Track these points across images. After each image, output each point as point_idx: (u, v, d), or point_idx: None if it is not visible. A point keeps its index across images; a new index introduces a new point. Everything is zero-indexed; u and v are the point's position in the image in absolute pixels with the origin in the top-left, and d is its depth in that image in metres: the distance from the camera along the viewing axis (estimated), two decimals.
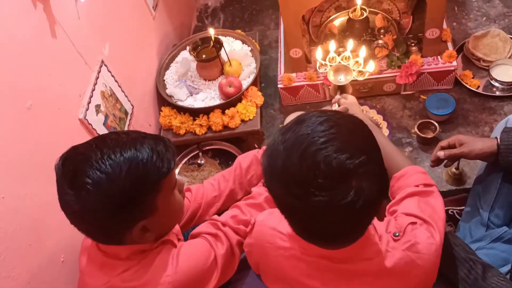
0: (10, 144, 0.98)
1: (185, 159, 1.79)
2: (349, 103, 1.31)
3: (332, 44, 1.37)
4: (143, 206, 0.85)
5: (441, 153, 1.24)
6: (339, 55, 1.37)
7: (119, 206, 0.82)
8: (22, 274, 0.97)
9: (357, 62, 1.34)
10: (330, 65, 1.34)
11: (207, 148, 1.79)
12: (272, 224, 0.92)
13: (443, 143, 1.26)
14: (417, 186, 1.02)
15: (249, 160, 1.26)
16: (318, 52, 1.38)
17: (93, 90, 1.31)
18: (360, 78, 1.35)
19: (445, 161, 1.26)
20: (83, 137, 1.23)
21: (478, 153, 1.18)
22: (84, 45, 1.29)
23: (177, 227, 1.04)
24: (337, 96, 1.36)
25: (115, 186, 0.80)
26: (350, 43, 1.35)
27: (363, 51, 1.36)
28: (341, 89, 1.37)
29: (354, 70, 1.33)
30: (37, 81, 1.09)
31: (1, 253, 0.92)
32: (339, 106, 1.32)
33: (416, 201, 0.97)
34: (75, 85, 1.24)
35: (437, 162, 1.25)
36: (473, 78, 1.70)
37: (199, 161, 1.77)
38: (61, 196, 0.83)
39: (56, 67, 1.17)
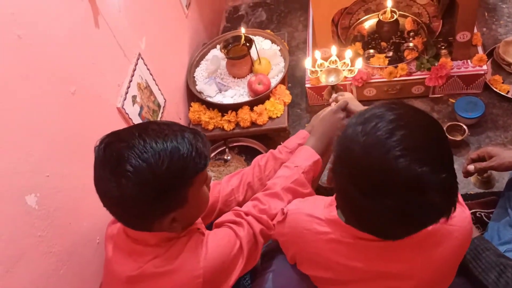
0: (56, 125, 1.03)
1: (212, 154, 1.82)
2: (346, 97, 1.34)
3: (317, 53, 1.45)
4: (177, 198, 0.87)
5: (471, 167, 1.27)
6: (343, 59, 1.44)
7: (155, 196, 0.84)
8: (62, 251, 1.01)
9: (344, 63, 1.40)
10: (320, 70, 1.42)
11: (234, 144, 1.82)
12: (307, 211, 0.95)
13: (473, 155, 1.28)
14: None
15: (266, 158, 1.30)
16: (307, 61, 1.46)
17: (131, 81, 1.36)
18: (350, 75, 1.42)
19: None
20: (120, 125, 1.27)
21: (508, 165, 1.20)
22: (124, 37, 1.33)
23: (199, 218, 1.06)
24: (334, 95, 1.40)
25: (155, 177, 0.82)
26: (334, 49, 1.43)
27: (349, 52, 1.43)
28: (336, 89, 1.43)
29: (343, 70, 1.39)
30: (81, 69, 1.14)
31: (44, 229, 0.96)
32: (337, 103, 1.35)
33: None
34: (114, 75, 1.29)
35: (467, 175, 1.28)
36: (503, 83, 1.70)
37: (225, 157, 1.80)
38: (100, 180, 0.86)
39: (98, 56, 1.21)
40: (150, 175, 0.82)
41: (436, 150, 0.70)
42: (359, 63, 1.41)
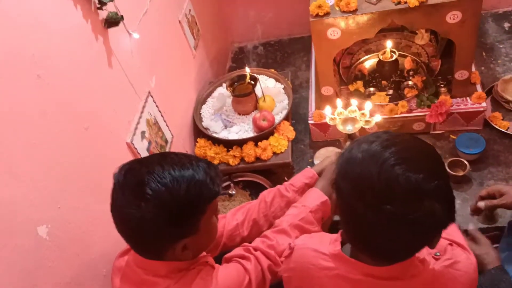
0: (69, 159, 1.07)
1: None
2: None
3: (339, 101, 1.49)
4: (190, 225, 0.91)
5: (481, 204, 1.28)
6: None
7: (172, 220, 0.87)
8: (71, 284, 1.03)
9: (363, 114, 1.44)
10: (339, 118, 1.45)
11: (239, 179, 1.85)
12: (313, 246, 0.96)
13: (482, 193, 1.30)
14: None
15: (273, 194, 1.32)
16: (327, 109, 1.49)
17: (140, 117, 1.41)
18: (367, 126, 1.45)
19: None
20: (129, 159, 1.31)
21: None
22: (135, 76, 1.40)
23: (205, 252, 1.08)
24: (348, 143, 1.43)
25: (173, 200, 0.86)
26: (354, 102, 1.46)
27: (369, 104, 1.46)
28: (351, 137, 1.46)
29: (361, 120, 1.43)
30: (95, 106, 1.19)
31: (54, 260, 0.98)
32: None
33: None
34: (125, 112, 1.34)
35: (477, 212, 1.30)
36: (502, 119, 1.73)
37: (230, 192, 1.83)
38: (118, 204, 0.89)
39: (110, 94, 1.27)
40: (168, 199, 0.86)
41: (427, 161, 0.77)
42: (378, 117, 1.43)
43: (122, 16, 1.28)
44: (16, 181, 0.91)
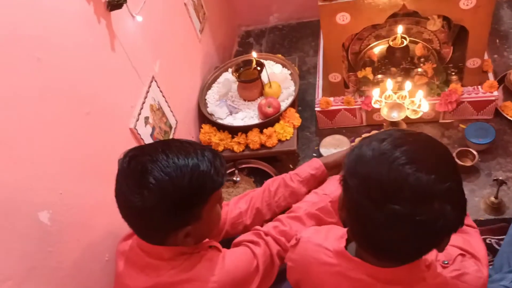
0: (70, 144, 1.06)
1: None
2: None
3: (389, 82, 1.39)
4: (192, 214, 0.91)
5: None
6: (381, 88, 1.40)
7: (174, 209, 0.87)
8: (71, 267, 1.03)
9: (412, 101, 1.35)
10: (386, 102, 1.36)
11: (243, 166, 1.83)
12: (318, 241, 0.94)
13: None
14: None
15: (277, 183, 1.30)
16: (375, 91, 1.40)
17: (144, 103, 1.39)
18: (414, 117, 1.36)
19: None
20: (132, 145, 1.28)
21: None
22: (138, 61, 1.38)
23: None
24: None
25: (176, 190, 0.86)
26: (408, 86, 1.35)
27: (420, 93, 1.38)
28: (394, 125, 1.39)
29: (408, 109, 1.34)
30: (96, 90, 1.18)
31: (54, 244, 0.98)
32: None
33: (462, 237, 0.99)
34: (128, 97, 1.33)
35: None
36: None
37: (234, 178, 1.81)
38: (122, 191, 0.89)
39: (113, 79, 1.25)
40: (171, 188, 0.85)
41: (439, 162, 0.74)
42: (426, 105, 1.35)
43: None
44: (16, 165, 0.91)
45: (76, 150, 1.08)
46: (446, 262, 0.88)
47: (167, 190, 0.85)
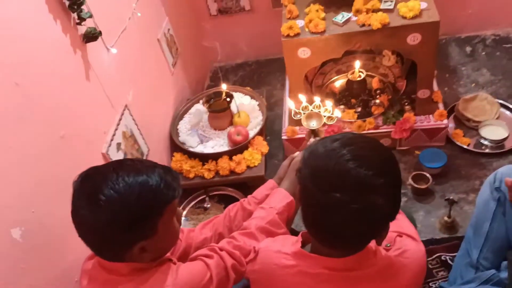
0: (45, 165, 1.11)
1: (193, 203, 1.89)
2: None
3: (302, 96, 1.54)
4: (146, 227, 0.94)
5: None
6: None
7: (125, 224, 0.91)
8: (43, 286, 1.05)
9: (326, 109, 1.50)
10: (303, 113, 1.50)
11: (214, 193, 1.89)
12: (276, 248, 1.02)
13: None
14: None
15: (236, 207, 1.36)
16: (291, 103, 1.54)
17: (116, 129, 1.46)
18: (330, 123, 1.50)
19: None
20: None
21: None
22: (112, 90, 1.46)
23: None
24: (312, 139, 1.50)
25: (125, 206, 0.90)
26: (317, 99, 1.51)
27: (329, 102, 1.52)
28: (315, 133, 1.51)
29: (324, 116, 1.49)
30: (71, 115, 1.24)
31: (27, 262, 1.01)
32: None
33: (394, 222, 1.08)
34: (101, 123, 1.39)
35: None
36: (463, 136, 1.84)
37: (205, 205, 1.87)
38: (76, 210, 0.93)
39: (87, 105, 1.32)
40: (120, 204, 0.90)
41: (379, 161, 0.86)
42: (338, 112, 1.50)
43: (100, 32, 1.34)
44: None
45: (50, 171, 1.13)
46: (388, 245, 0.99)
47: (117, 207, 0.89)
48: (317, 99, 1.52)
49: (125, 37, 1.58)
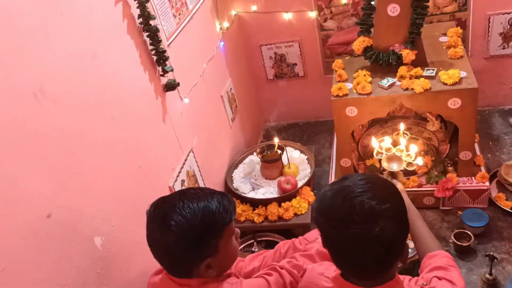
0: (124, 187, 1.32)
1: (241, 246, 2.01)
2: (399, 189, 1.54)
3: (387, 139, 1.61)
4: (209, 247, 1.09)
5: None
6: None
7: (192, 244, 1.06)
8: None
9: (408, 155, 1.56)
10: (386, 154, 1.58)
11: (262, 238, 2.01)
12: (320, 270, 1.13)
13: None
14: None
15: (288, 245, 1.48)
16: (375, 142, 1.60)
17: (182, 167, 1.67)
18: (410, 169, 1.56)
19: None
20: None
21: None
22: (181, 133, 1.69)
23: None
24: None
25: (191, 228, 1.06)
26: (403, 141, 1.55)
27: (414, 147, 1.59)
28: (393, 175, 1.56)
29: (405, 161, 1.54)
30: (148, 149, 1.47)
31: (103, 267, 1.18)
32: None
33: (443, 272, 1.15)
34: (170, 160, 1.61)
35: None
36: (506, 200, 1.89)
37: (253, 249, 1.99)
38: (150, 234, 1.10)
39: (161, 143, 1.55)
40: (187, 227, 1.06)
41: (382, 191, 0.96)
42: (420, 160, 1.55)
43: (178, 83, 1.60)
44: (84, 196, 1.16)
45: (128, 193, 1.33)
46: (424, 284, 1.05)
47: (184, 229, 1.05)
48: (402, 141, 1.57)
49: (195, 91, 1.84)
